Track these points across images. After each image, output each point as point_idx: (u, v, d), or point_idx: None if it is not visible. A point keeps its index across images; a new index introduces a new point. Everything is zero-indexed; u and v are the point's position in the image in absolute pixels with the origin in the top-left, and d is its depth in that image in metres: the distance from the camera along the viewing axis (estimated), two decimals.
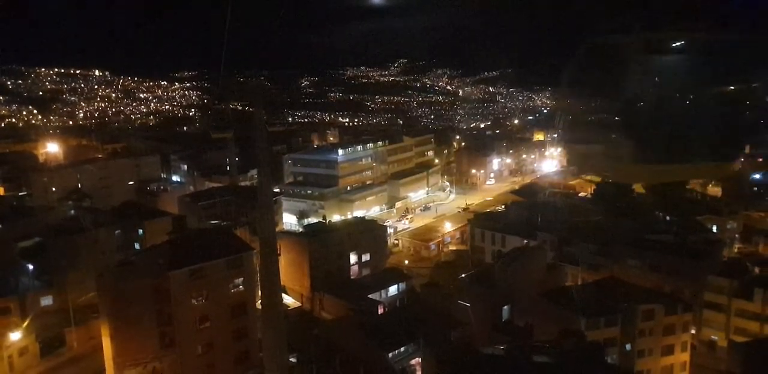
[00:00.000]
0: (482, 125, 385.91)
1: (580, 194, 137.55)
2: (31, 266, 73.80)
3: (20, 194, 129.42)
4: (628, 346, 55.54)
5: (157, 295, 51.70)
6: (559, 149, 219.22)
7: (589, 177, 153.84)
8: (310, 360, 55.96)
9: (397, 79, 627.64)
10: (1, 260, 76.15)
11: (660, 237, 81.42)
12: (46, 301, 68.81)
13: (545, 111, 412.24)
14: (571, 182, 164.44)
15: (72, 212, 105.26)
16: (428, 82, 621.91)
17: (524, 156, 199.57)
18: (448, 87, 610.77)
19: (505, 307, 60.56)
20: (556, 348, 38.47)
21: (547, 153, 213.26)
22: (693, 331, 64.70)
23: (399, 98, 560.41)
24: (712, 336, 66.27)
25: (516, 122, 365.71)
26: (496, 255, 78.96)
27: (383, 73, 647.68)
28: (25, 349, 60.01)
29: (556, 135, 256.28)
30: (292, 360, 55.99)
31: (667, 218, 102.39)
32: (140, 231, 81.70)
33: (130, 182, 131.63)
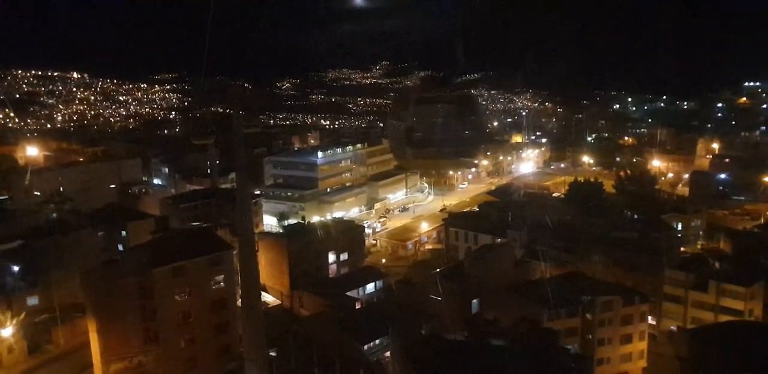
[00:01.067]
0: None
1: (554, 195, 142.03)
2: (16, 268, 75.47)
3: (0, 197, 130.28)
4: (589, 336, 59.17)
5: (141, 292, 54.08)
6: (536, 151, 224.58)
7: (562, 178, 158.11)
8: (288, 353, 58.74)
9: (380, 81, 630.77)
10: None
11: (624, 235, 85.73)
12: (32, 301, 70.82)
13: (523, 113, 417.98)
14: (546, 183, 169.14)
15: (54, 215, 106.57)
16: (410, 84, 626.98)
17: (501, 158, 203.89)
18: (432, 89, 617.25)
19: (474, 301, 63.81)
20: (512, 334, 41.82)
21: (524, 155, 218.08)
22: (654, 322, 68.93)
23: (381, 100, 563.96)
24: (671, 327, 70.19)
25: (495, 124, 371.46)
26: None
27: (365, 75, 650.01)
28: (13, 347, 61.83)
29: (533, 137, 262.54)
30: (272, 354, 58.70)
31: (635, 216, 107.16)
32: (123, 233, 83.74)
33: (112, 185, 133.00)
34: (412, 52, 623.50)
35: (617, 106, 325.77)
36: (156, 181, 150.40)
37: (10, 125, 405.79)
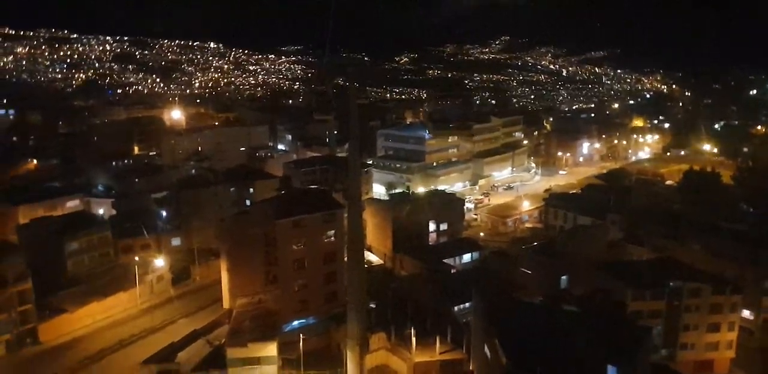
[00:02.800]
0: (583, 107, 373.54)
1: (667, 182, 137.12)
2: (164, 213, 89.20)
3: (151, 153, 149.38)
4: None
5: (266, 240, 63.04)
6: (656, 136, 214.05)
7: (678, 167, 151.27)
8: (386, 306, 65.87)
9: (498, 56, 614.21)
10: (141, 208, 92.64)
11: (733, 226, 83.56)
12: (176, 242, 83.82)
13: (648, 96, 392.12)
14: (661, 170, 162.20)
15: (193, 171, 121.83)
16: (530, 60, 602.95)
17: (616, 141, 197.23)
18: (551, 66, 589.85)
19: (564, 277, 66.87)
20: (585, 302, 45.18)
21: (641, 140, 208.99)
22: (752, 317, 67.90)
23: (499, 76, 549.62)
24: None
25: (616, 106, 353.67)
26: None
27: (484, 50, 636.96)
28: (162, 277, 74.56)
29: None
30: (372, 305, 65.96)
31: (750, 210, 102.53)
32: (251, 190, 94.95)
33: (242, 148, 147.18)
34: (533, 27, 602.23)
35: (754, 91, 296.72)
36: (280, 146, 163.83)
37: (156, 89, 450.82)
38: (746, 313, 68.34)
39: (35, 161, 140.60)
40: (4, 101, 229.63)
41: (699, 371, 61.09)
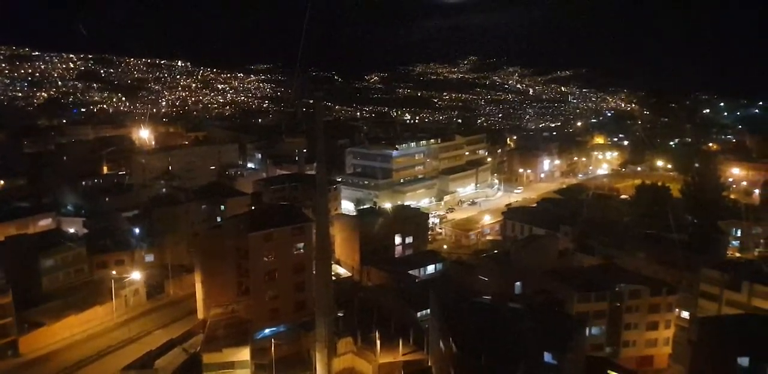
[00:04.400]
0: (550, 126, 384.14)
1: (622, 196, 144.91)
2: (137, 230, 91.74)
3: (120, 172, 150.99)
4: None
5: (238, 252, 66.69)
6: (615, 153, 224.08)
7: (632, 182, 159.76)
8: (353, 314, 69.91)
9: (467, 76, 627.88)
10: (113, 226, 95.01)
11: (675, 236, 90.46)
12: (149, 258, 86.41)
13: (609, 114, 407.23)
14: (617, 185, 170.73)
15: (164, 189, 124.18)
16: (498, 80, 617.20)
17: (576, 158, 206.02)
18: (518, 85, 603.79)
19: (517, 283, 71.98)
20: (528, 300, 50.21)
21: (600, 156, 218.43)
22: (689, 316, 73.96)
23: (467, 95, 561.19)
24: None
25: (579, 124, 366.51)
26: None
27: (452, 69, 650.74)
28: (137, 291, 77.13)
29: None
30: (340, 314, 69.77)
31: (694, 220, 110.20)
32: (222, 207, 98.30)
33: (212, 167, 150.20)
34: (500, 47, 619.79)
35: (707, 110, 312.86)
36: (250, 165, 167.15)
37: (122, 108, 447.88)
38: (685, 314, 74.97)
39: (1, 182, 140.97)
40: None
41: (640, 366, 66.24)
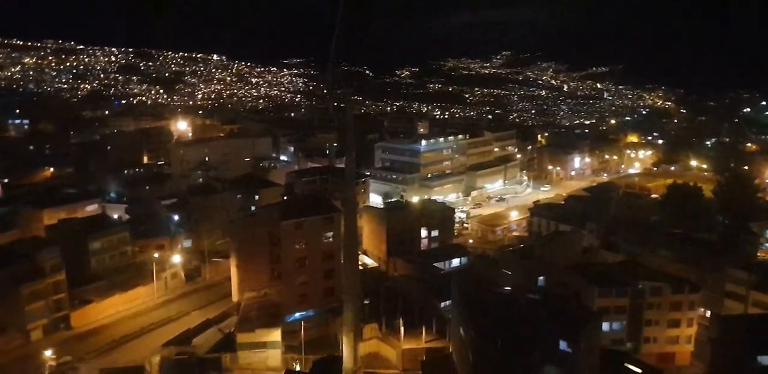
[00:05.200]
0: (585, 123, 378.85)
1: (653, 196, 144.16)
2: (176, 217, 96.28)
3: (159, 163, 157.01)
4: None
5: (271, 239, 70.19)
6: (649, 152, 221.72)
7: (664, 181, 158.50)
8: (379, 301, 72.66)
9: (499, 71, 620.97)
10: (153, 212, 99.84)
11: (704, 236, 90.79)
12: (187, 244, 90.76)
13: (644, 112, 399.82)
14: (649, 184, 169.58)
15: (200, 179, 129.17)
16: (531, 75, 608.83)
17: (608, 156, 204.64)
18: (552, 81, 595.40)
19: (540, 277, 73.54)
20: (546, 292, 52.05)
21: (633, 155, 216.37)
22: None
23: (499, 90, 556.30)
24: None
25: (613, 122, 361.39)
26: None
27: (485, 65, 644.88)
28: (175, 274, 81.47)
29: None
30: (366, 301, 72.62)
31: (725, 221, 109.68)
32: (256, 197, 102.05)
33: (247, 159, 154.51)
34: (535, 42, 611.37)
35: (747, 109, 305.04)
36: (283, 157, 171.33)
37: (160, 100, 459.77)
38: (709, 313, 75.38)
39: (51, 169, 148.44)
40: (17, 110, 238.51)
41: (661, 362, 67.22)
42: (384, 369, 62.65)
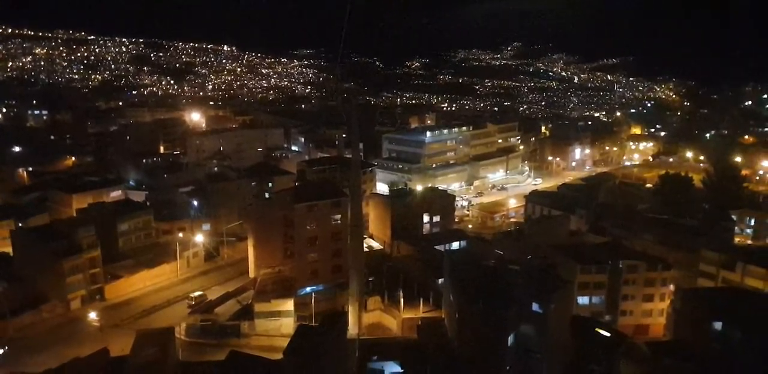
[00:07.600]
0: (596, 115, 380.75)
1: (647, 185, 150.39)
2: (195, 202, 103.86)
3: (175, 152, 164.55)
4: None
5: (285, 221, 77.43)
6: (650, 144, 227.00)
7: (660, 172, 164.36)
8: (382, 279, 79.94)
9: (510, 62, 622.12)
10: (172, 199, 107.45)
11: (686, 222, 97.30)
12: (206, 227, 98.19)
13: (648, 105, 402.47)
14: (645, 175, 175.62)
15: (215, 168, 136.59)
16: (542, 67, 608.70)
17: (608, 148, 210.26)
18: (563, 73, 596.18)
19: (529, 257, 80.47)
20: (525, 263, 59.11)
21: (634, 147, 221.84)
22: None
23: (510, 82, 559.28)
24: None
25: (618, 114, 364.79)
26: None
27: (495, 56, 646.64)
28: (196, 254, 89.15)
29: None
30: (371, 279, 79.92)
31: (708, 208, 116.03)
32: (270, 184, 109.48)
33: (260, 149, 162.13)
34: (546, 34, 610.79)
35: (749, 102, 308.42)
36: (294, 148, 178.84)
37: (170, 91, 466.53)
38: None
39: (73, 158, 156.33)
40: (34, 101, 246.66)
41: (637, 334, 74.37)
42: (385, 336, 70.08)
